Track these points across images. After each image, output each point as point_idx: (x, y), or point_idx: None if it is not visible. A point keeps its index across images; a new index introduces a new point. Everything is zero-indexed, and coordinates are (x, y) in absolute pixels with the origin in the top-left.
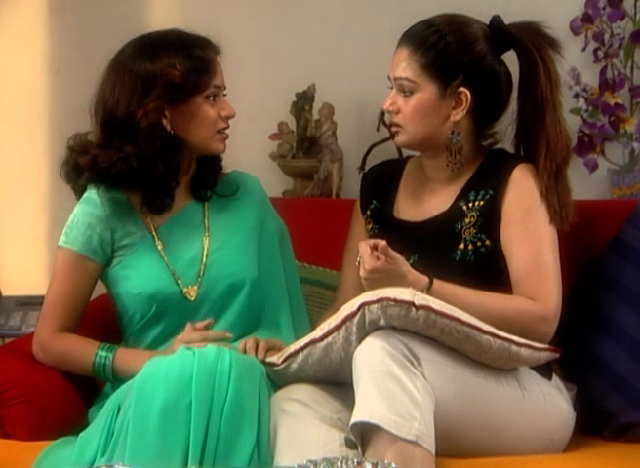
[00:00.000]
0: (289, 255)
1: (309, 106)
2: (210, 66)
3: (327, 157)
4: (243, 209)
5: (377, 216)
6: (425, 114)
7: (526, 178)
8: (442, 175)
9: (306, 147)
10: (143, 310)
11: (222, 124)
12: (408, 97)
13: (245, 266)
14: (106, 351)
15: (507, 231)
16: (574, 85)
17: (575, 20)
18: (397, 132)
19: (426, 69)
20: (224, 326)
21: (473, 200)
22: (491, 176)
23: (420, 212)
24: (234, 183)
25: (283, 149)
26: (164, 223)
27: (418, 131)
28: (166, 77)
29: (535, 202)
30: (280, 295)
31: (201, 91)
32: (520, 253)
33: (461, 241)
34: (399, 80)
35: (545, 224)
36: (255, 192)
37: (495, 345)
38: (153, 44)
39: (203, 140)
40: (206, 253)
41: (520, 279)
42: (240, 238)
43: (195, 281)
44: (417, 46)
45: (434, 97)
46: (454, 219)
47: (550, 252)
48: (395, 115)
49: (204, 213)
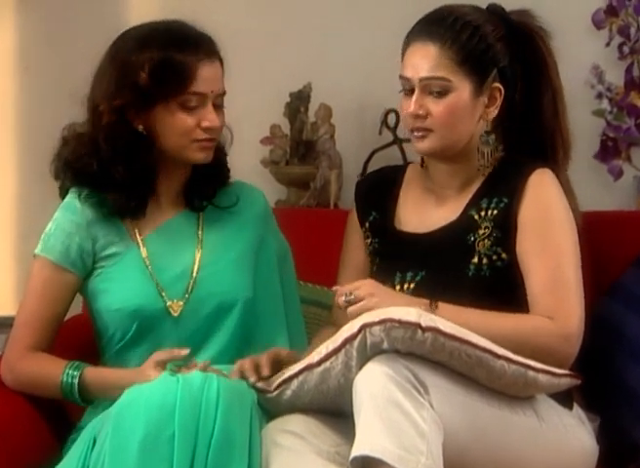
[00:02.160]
0: (290, 277)
1: (305, 108)
2: (187, 72)
3: (324, 163)
4: (242, 222)
5: (377, 229)
6: (461, 115)
7: (545, 184)
8: (453, 183)
9: (302, 153)
10: (124, 328)
11: (201, 134)
12: (439, 97)
13: (238, 284)
14: (74, 369)
15: (524, 243)
16: (596, 84)
17: (597, 13)
18: (423, 137)
19: (463, 66)
20: (215, 348)
21: (486, 208)
22: (505, 183)
23: (425, 222)
24: (234, 195)
25: (276, 155)
26: (151, 232)
27: (451, 134)
28: (135, 77)
29: (554, 211)
30: (277, 318)
31: (173, 97)
32: (537, 268)
33: (475, 254)
34: (427, 80)
35: (566, 236)
36: (257, 206)
37: (510, 370)
38: (141, 35)
39: (177, 148)
40: (197, 267)
41: (537, 296)
42: (236, 253)
43: (182, 296)
44: (449, 41)
45: (470, 95)
46: (465, 230)
47: (571, 266)
48: (423, 119)
49: (198, 223)
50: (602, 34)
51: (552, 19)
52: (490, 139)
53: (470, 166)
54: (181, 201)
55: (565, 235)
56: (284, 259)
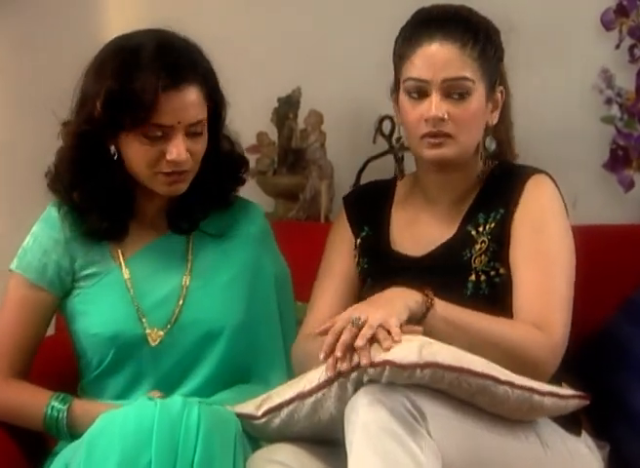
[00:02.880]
0: (288, 302)
1: (294, 114)
2: (144, 104)
3: (314, 173)
4: (237, 243)
5: (368, 247)
6: (480, 119)
7: (541, 189)
8: (447, 196)
9: (290, 162)
10: (102, 354)
11: (166, 168)
12: (460, 100)
13: (227, 311)
14: (61, 402)
15: (515, 251)
16: (605, 89)
17: (607, 13)
18: (440, 144)
19: (482, 66)
20: (198, 379)
21: (484, 224)
22: (501, 193)
23: (420, 242)
24: (230, 217)
25: (262, 164)
26: (136, 253)
27: (469, 141)
28: (89, 106)
29: (549, 216)
30: (273, 347)
31: (130, 128)
32: (526, 276)
33: (472, 271)
34: (452, 82)
35: (561, 244)
36: (254, 225)
37: (513, 396)
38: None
39: (143, 178)
40: (184, 293)
41: (524, 304)
42: (227, 277)
43: (163, 324)
44: (470, 40)
45: (484, 97)
46: (461, 247)
47: (563, 276)
48: (444, 124)
49: (188, 245)
50: (611, 36)
51: (558, 20)
52: (492, 144)
53: (466, 177)
54: (163, 222)
55: (559, 243)
56: (282, 285)
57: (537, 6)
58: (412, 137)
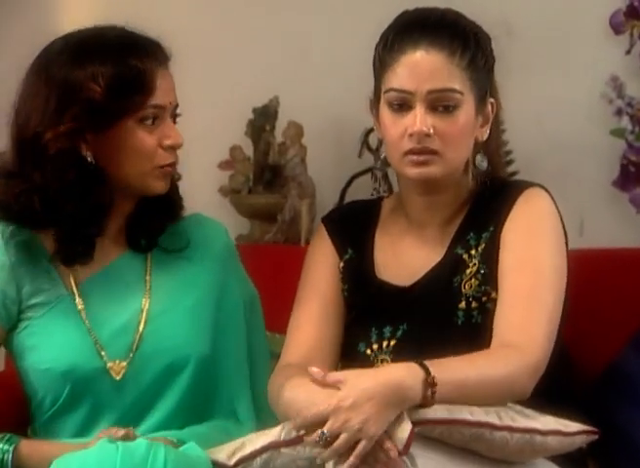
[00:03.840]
0: (258, 329)
1: (271, 126)
2: (147, 81)
3: (294, 192)
4: (199, 264)
5: (351, 272)
6: (468, 134)
7: (533, 201)
8: (434, 219)
9: (267, 179)
10: (56, 392)
11: (165, 157)
12: (447, 114)
13: (192, 339)
14: (6, 443)
15: (502, 262)
16: (615, 98)
17: (616, 15)
18: (426, 162)
19: (471, 76)
20: (163, 413)
21: (475, 245)
22: (492, 210)
23: (406, 269)
24: (189, 232)
25: (236, 182)
26: (88, 278)
27: (457, 158)
28: (86, 92)
29: (541, 225)
30: (240, 378)
31: (132, 112)
32: (509, 285)
33: (461, 298)
34: (438, 93)
35: (551, 254)
36: (217, 244)
37: (513, 440)
38: (81, 44)
39: (137, 177)
40: (144, 318)
41: (503, 314)
42: (191, 301)
43: (125, 354)
44: (459, 48)
45: (474, 111)
46: (451, 272)
47: (550, 289)
48: (430, 140)
49: (146, 266)
50: (621, 40)
51: (562, 22)
52: (484, 162)
53: (455, 198)
54: (123, 240)
55: (549, 254)
56: (251, 309)
57: (538, 7)
58: (393, 154)
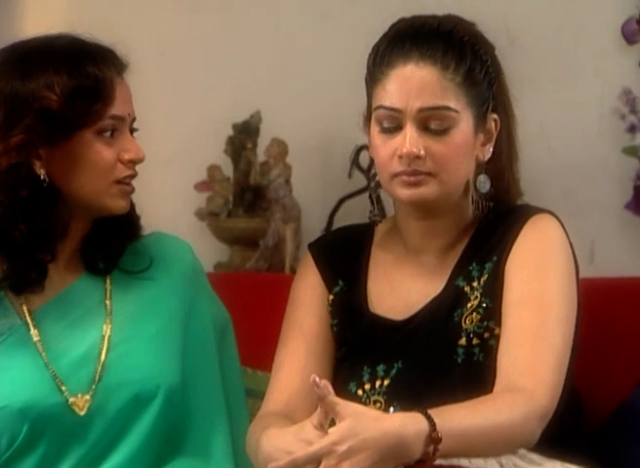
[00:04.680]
0: (231, 356)
1: (252, 143)
2: (106, 90)
3: (277, 215)
4: (163, 286)
5: (342, 305)
6: (465, 154)
7: (542, 230)
8: (433, 245)
9: (248, 201)
10: (12, 432)
11: (125, 171)
12: (441, 134)
13: (160, 367)
14: None
15: (506, 296)
16: (628, 113)
17: (629, 23)
18: (418, 183)
19: (468, 92)
20: (129, 449)
21: (478, 277)
22: (496, 238)
23: (403, 302)
24: (151, 251)
25: (214, 204)
26: (43, 305)
27: (455, 180)
28: (39, 102)
29: (549, 259)
30: (213, 411)
31: (91, 123)
32: (515, 323)
33: (462, 334)
34: (430, 111)
35: (560, 291)
36: (181, 262)
37: None
38: (30, 54)
39: (94, 194)
40: (106, 346)
41: (509, 355)
42: (156, 327)
43: (87, 387)
44: (453, 61)
45: (472, 130)
46: (452, 306)
47: (558, 327)
48: (421, 162)
49: (105, 289)
50: (634, 50)
51: (570, 31)
52: (486, 184)
53: (454, 223)
54: (79, 262)
55: (558, 289)
56: (223, 333)
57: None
58: (383, 176)
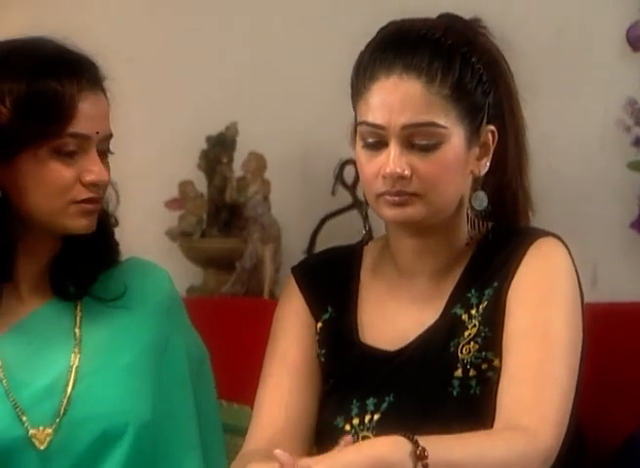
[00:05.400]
0: (207, 393)
1: (228, 157)
2: (65, 105)
3: (255, 235)
4: (138, 315)
5: (330, 335)
6: (455, 172)
7: (547, 255)
8: (426, 267)
9: (224, 220)
10: None
11: (83, 193)
12: (428, 151)
13: (130, 402)
14: None
15: (507, 327)
16: (633, 125)
17: (634, 28)
18: (404, 204)
19: (458, 104)
20: None
21: (476, 304)
22: (497, 263)
23: (396, 331)
24: (125, 278)
25: (187, 223)
26: (6, 332)
27: (444, 199)
28: None
29: (555, 284)
30: (187, 450)
31: (44, 141)
32: (516, 356)
33: (458, 365)
34: (414, 128)
35: (565, 321)
36: (159, 292)
37: None
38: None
39: (51, 213)
40: (73, 378)
41: (510, 391)
42: (128, 359)
43: (51, 420)
44: (440, 72)
45: (464, 145)
46: (448, 335)
47: (563, 361)
48: (406, 182)
49: (75, 316)
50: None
51: (571, 37)
52: (483, 201)
53: (449, 243)
54: (47, 286)
55: (564, 319)
56: (199, 368)
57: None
58: (368, 195)
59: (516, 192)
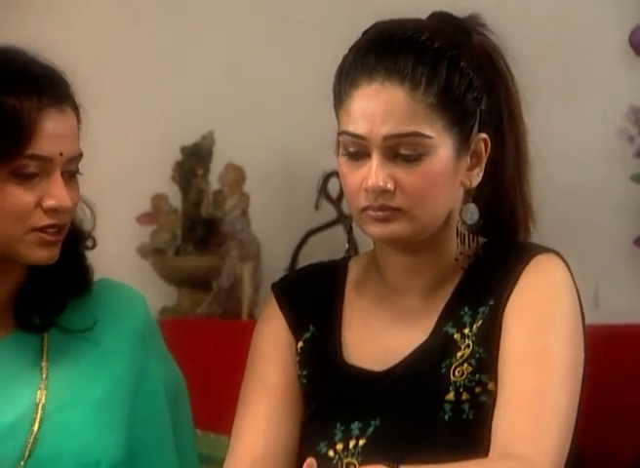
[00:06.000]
0: (185, 424)
1: (204, 169)
2: (23, 124)
3: (233, 252)
4: (109, 344)
5: (312, 355)
6: (443, 184)
7: (546, 273)
8: (417, 284)
9: (199, 236)
10: None
11: (43, 219)
12: (412, 163)
13: (101, 440)
14: None
15: (503, 350)
16: (636, 135)
17: (638, 31)
18: (387, 220)
19: (445, 112)
20: None
21: (470, 322)
22: (493, 280)
23: (384, 350)
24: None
25: (160, 240)
26: None
27: (431, 213)
28: None
29: (555, 304)
30: None
31: (1, 164)
32: (513, 382)
33: (450, 387)
34: (397, 139)
35: (565, 345)
36: (132, 318)
37: None
38: None
39: (7, 240)
40: (40, 415)
41: (507, 418)
42: (98, 393)
43: (15, 462)
44: (425, 78)
45: (452, 155)
46: (439, 355)
47: (563, 387)
48: (389, 195)
49: (41, 349)
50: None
51: (571, 42)
52: (474, 214)
53: (439, 258)
54: (10, 317)
55: (563, 343)
56: (177, 398)
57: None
58: (352, 209)
59: (514, 203)
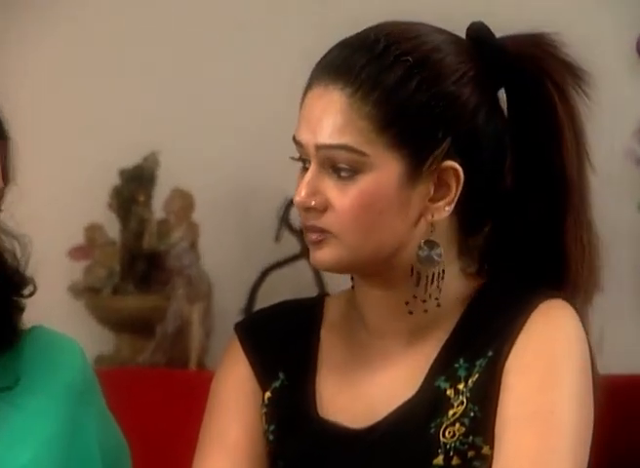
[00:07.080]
0: None
1: (146, 195)
2: None
3: (180, 291)
4: (40, 404)
5: (281, 407)
6: (383, 212)
7: (554, 322)
8: (404, 324)
9: (141, 273)
10: None
11: None
12: (345, 180)
13: None
14: None
15: (505, 407)
16: None
17: None
18: (320, 242)
19: (387, 131)
20: None
21: (465, 376)
22: (493, 328)
23: (364, 405)
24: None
25: (94, 277)
26: None
27: (363, 242)
28: None
29: (564, 358)
30: None
31: None
32: (514, 444)
33: (439, 450)
34: (327, 150)
35: (576, 402)
36: (68, 373)
37: None
38: None
39: None
40: None
41: None
42: (28, 456)
43: None
44: (366, 85)
45: (399, 180)
46: (428, 413)
47: (571, 454)
48: (318, 214)
49: None
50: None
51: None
52: (433, 254)
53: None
54: None
55: (574, 402)
56: (117, 462)
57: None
58: None
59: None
